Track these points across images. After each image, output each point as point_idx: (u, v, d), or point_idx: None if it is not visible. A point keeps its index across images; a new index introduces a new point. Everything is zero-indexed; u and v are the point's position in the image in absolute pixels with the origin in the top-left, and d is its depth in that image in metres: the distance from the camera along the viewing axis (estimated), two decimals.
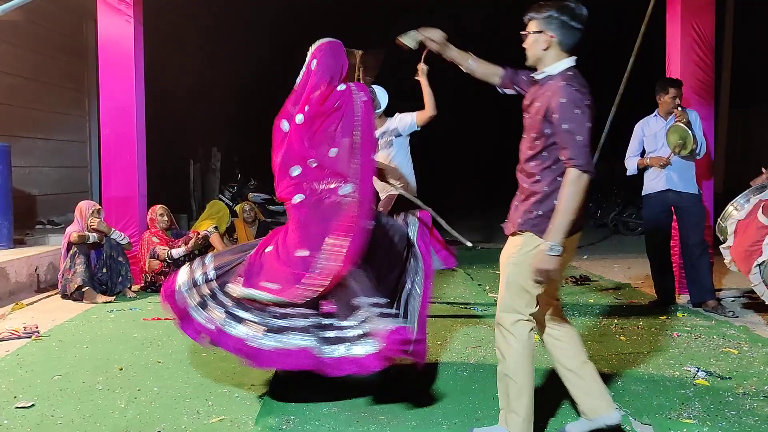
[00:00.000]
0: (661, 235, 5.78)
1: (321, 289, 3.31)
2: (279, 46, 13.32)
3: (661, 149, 5.64)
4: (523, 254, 2.84)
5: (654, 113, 5.80)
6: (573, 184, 2.67)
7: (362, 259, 3.43)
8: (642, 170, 5.78)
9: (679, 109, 5.53)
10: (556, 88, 2.74)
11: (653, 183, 5.71)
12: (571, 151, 2.67)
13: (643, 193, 5.84)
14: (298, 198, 3.52)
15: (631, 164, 5.85)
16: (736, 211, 5.03)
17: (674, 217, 5.77)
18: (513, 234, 2.93)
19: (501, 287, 2.97)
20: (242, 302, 3.39)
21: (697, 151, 5.51)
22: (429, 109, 5.41)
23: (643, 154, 5.82)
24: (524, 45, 2.94)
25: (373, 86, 5.08)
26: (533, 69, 2.96)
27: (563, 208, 2.68)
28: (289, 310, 3.34)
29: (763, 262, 4.60)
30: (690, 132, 5.39)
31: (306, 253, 3.39)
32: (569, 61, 2.85)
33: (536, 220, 2.81)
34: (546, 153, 2.80)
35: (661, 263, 5.82)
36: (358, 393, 3.68)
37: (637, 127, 5.90)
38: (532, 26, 2.89)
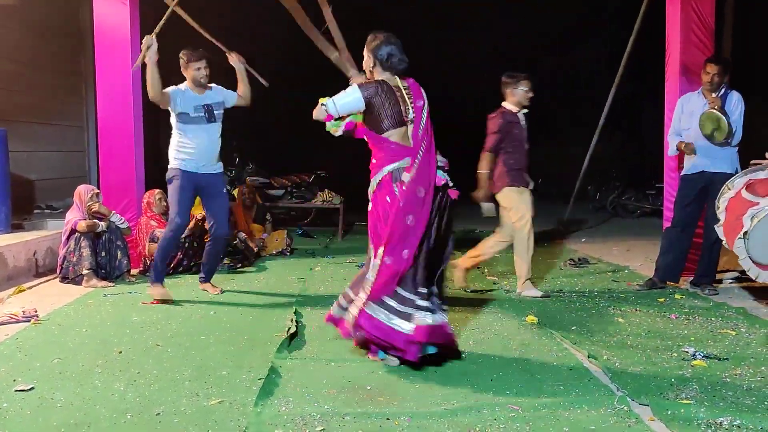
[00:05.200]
0: (685, 217, 5.73)
1: None
2: (278, 29, 13.23)
3: (695, 128, 5.57)
4: None
5: (698, 90, 5.72)
6: None
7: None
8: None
9: (713, 95, 5.48)
10: None
11: (688, 164, 5.72)
12: None
13: (681, 173, 5.84)
14: None
15: (671, 144, 5.84)
16: (728, 190, 5.07)
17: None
18: None
19: None
20: None
21: (729, 140, 5.45)
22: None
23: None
24: None
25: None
26: None
27: None
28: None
29: (746, 233, 4.66)
30: (725, 120, 5.34)
31: None
32: None
33: None
34: None
35: (674, 243, 5.78)
36: (357, 375, 3.69)
37: (679, 102, 5.85)
38: None
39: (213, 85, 5.66)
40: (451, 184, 3.97)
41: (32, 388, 3.49)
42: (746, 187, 4.90)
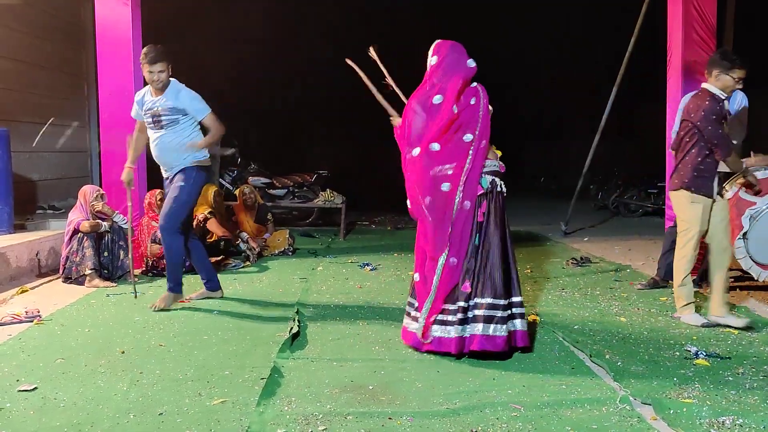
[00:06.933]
0: None
1: None
2: (278, 30, 13.27)
3: None
4: None
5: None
6: None
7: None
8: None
9: None
10: None
11: None
12: None
13: None
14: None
15: (673, 139, 5.80)
16: (727, 191, 5.08)
17: None
18: None
19: None
20: None
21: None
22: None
23: None
24: None
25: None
26: None
27: None
28: None
29: (745, 233, 4.66)
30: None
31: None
32: None
33: None
34: None
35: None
36: (359, 375, 3.69)
37: (682, 101, 5.79)
38: None
39: (175, 86, 5.12)
40: (499, 189, 4.04)
41: (35, 388, 3.50)
42: (744, 188, 4.92)
